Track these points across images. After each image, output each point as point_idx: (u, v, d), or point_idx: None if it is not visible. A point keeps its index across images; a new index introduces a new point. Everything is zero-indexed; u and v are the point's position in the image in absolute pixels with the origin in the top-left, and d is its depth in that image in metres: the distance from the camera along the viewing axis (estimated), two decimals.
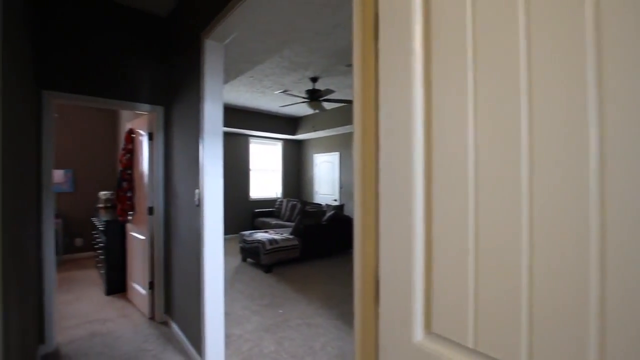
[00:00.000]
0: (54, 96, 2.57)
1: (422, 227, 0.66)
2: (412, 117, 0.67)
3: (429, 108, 0.65)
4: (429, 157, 0.65)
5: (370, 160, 0.83)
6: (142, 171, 3.26)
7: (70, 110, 5.50)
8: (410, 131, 0.67)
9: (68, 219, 5.47)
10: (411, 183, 0.67)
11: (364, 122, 0.86)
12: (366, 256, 0.85)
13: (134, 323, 2.99)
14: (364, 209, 0.85)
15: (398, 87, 0.70)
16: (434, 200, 0.64)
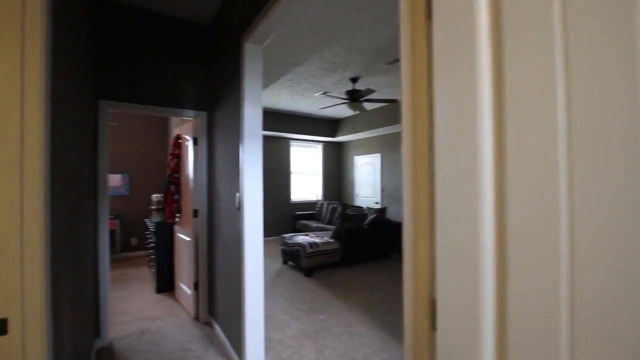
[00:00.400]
0: (108, 105, 2.74)
1: (492, 240, 0.53)
2: (478, 111, 0.55)
3: (500, 99, 0.53)
4: (501, 158, 0.53)
5: (422, 160, 0.72)
6: (187, 175, 3.37)
7: (128, 119, 5.93)
8: (476, 127, 0.55)
9: (125, 219, 5.88)
10: (477, 186, 0.54)
11: (414, 118, 0.75)
12: (418, 269, 0.73)
13: (180, 322, 3.09)
14: (415, 214, 0.74)
15: (459, 74, 0.58)
16: (509, 208, 0.51)
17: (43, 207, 1.05)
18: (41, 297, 1.05)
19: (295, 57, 3.03)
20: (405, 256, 0.78)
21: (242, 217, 2.19)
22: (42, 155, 1.03)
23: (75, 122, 1.74)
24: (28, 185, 1.02)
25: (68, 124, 1.52)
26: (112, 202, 5.81)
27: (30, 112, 1.01)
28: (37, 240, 1.04)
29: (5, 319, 1.01)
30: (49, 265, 1.09)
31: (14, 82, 0.98)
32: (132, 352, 2.53)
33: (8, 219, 1.00)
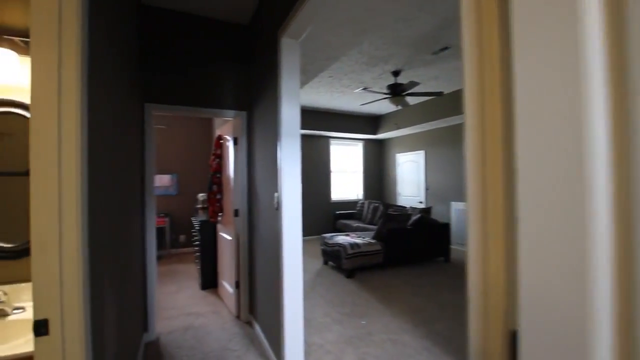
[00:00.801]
0: (153, 108, 2.83)
1: (610, 258, 0.38)
2: (587, 90, 0.39)
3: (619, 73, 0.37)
4: (621, 148, 0.37)
5: (494, 154, 0.57)
6: (228, 175, 3.41)
7: (176, 121, 6.22)
8: (584, 112, 0.39)
9: (173, 217, 6.18)
10: (586, 186, 0.39)
11: (481, 108, 0.61)
12: (489, 288, 0.58)
13: (222, 320, 3.13)
14: (484, 216, 0.59)
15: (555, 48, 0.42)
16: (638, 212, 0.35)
17: (81, 208, 1.04)
18: (79, 297, 1.04)
19: (334, 50, 2.92)
20: (470, 268, 0.63)
21: (281, 217, 2.12)
22: (79, 158, 1.02)
23: (120, 125, 1.78)
24: (66, 187, 1.02)
25: (112, 127, 1.55)
26: (162, 201, 6.13)
27: (67, 117, 1.00)
28: (75, 241, 1.04)
29: (47, 319, 1.02)
30: (87, 266, 1.09)
31: (52, 88, 0.98)
32: (177, 349, 2.58)
33: (48, 220, 1.01)
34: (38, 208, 1.00)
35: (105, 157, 1.38)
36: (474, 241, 0.62)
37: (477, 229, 0.61)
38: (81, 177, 1.04)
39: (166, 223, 5.84)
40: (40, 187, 1.00)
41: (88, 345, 1.08)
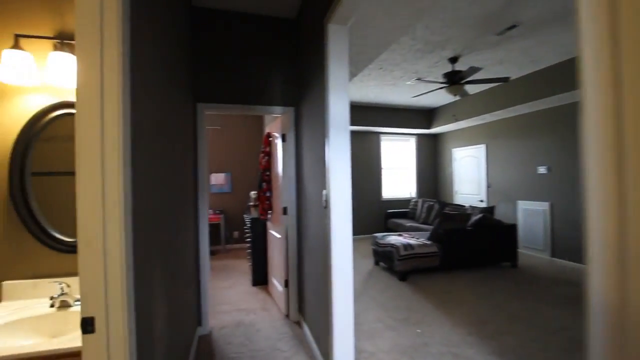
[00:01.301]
0: (205, 107, 2.89)
1: None
2: None
3: None
4: None
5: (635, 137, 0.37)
6: (277, 173, 3.38)
7: (230, 122, 6.45)
8: None
9: (228, 214, 6.42)
10: None
11: (614, 75, 0.41)
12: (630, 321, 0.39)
13: (271, 318, 3.11)
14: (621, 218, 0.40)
15: None
16: None
17: (123, 206, 1.01)
18: (123, 295, 1.02)
19: (385, 35, 2.71)
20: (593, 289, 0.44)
21: (330, 216, 2.00)
22: (120, 157, 1.01)
23: (171, 124, 1.79)
24: (109, 185, 1.00)
25: (160, 126, 1.55)
26: (217, 198, 6.41)
27: (109, 117, 0.99)
28: (118, 237, 1.01)
29: (93, 317, 1.01)
30: (131, 263, 1.06)
31: (94, 89, 0.97)
32: (227, 344, 2.60)
33: (92, 217, 0.99)
34: (83, 205, 0.99)
35: (152, 156, 1.37)
36: (601, 251, 0.43)
37: (608, 235, 0.41)
38: (123, 176, 1.01)
39: (221, 220, 6.07)
40: (85, 185, 0.99)
41: (132, 344, 1.05)
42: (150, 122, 1.35)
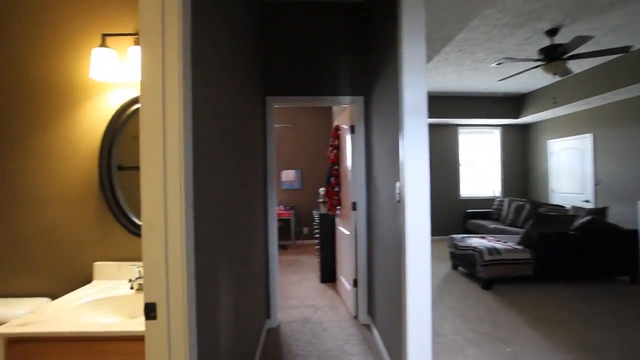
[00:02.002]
0: (274, 100, 2.88)
1: None
2: None
3: None
4: None
5: None
6: (346, 166, 3.25)
7: (300, 119, 6.54)
8: None
9: (298, 210, 6.52)
10: None
11: None
12: None
13: (339, 318, 2.99)
14: None
15: None
16: None
17: (184, 194, 0.98)
18: (184, 283, 0.98)
19: (467, 6, 2.36)
20: None
21: (404, 211, 1.78)
22: (182, 148, 0.98)
23: (238, 118, 1.78)
24: (170, 173, 0.97)
25: (225, 119, 1.52)
26: (287, 194, 6.55)
27: (170, 111, 0.97)
28: (178, 225, 0.98)
29: (155, 303, 0.99)
30: (191, 252, 1.02)
31: (157, 84, 0.96)
32: (295, 341, 2.55)
33: (155, 203, 0.97)
34: (146, 191, 0.97)
35: (216, 147, 1.34)
36: None
37: None
38: (184, 166, 0.98)
39: (291, 215, 6.19)
40: (148, 173, 0.98)
41: (192, 332, 1.01)
42: (214, 115, 1.31)
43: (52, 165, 1.69)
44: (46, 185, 1.69)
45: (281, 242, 6.39)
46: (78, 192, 1.69)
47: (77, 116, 1.69)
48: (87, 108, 1.69)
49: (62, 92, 1.69)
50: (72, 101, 1.69)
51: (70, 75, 1.69)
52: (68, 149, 1.69)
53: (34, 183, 1.70)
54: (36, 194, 1.69)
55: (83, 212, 1.69)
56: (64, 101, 1.69)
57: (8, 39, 1.71)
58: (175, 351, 0.97)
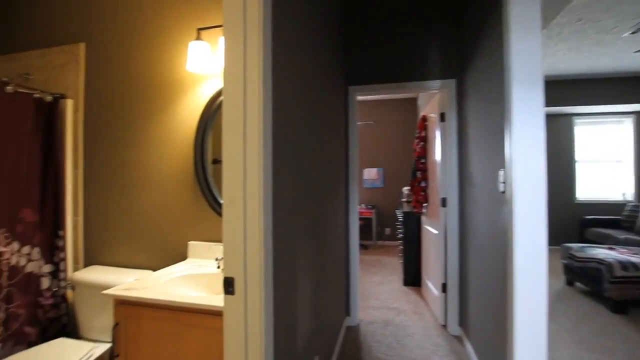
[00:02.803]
0: (356, 90, 2.78)
1: None
2: None
3: None
4: None
5: None
6: (434, 159, 2.96)
7: (383, 116, 6.34)
8: None
9: (379, 210, 6.30)
10: None
11: None
12: None
13: (424, 325, 2.72)
14: None
15: None
16: None
17: (262, 172, 0.95)
18: (260, 260, 0.94)
19: None
20: None
21: (511, 205, 1.49)
22: (261, 137, 0.97)
23: (319, 108, 1.73)
24: (249, 148, 0.96)
25: (307, 110, 1.48)
26: (369, 193, 6.39)
27: (251, 102, 0.96)
28: (257, 200, 0.94)
29: (233, 278, 0.97)
30: (269, 228, 0.98)
31: (238, 77, 0.97)
32: (375, 343, 2.40)
33: (235, 179, 0.96)
34: (228, 167, 0.96)
35: (296, 136, 1.29)
36: None
37: None
38: (263, 154, 0.97)
39: (373, 214, 6.00)
40: (230, 156, 0.97)
41: (269, 311, 0.96)
42: (293, 105, 1.26)
43: (157, 153, 1.89)
44: (152, 170, 1.89)
45: (362, 241, 6.26)
46: (177, 176, 1.85)
47: (178, 107, 1.85)
48: (185, 99, 1.84)
49: (166, 86, 1.87)
50: (173, 94, 1.86)
51: (171, 69, 1.86)
52: (169, 138, 1.87)
53: (142, 169, 1.91)
54: (144, 179, 1.91)
55: (180, 195, 1.84)
56: (168, 94, 1.87)
57: (121, 40, 1.97)
58: (252, 327, 0.93)
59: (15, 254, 1.79)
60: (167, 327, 1.20)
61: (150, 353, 1.23)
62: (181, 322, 1.17)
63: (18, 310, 1.77)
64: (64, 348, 1.59)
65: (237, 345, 0.94)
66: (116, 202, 1.96)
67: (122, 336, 1.26)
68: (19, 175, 1.83)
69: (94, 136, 2.04)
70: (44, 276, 1.91)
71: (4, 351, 1.68)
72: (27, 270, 1.84)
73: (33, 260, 1.87)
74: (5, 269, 1.73)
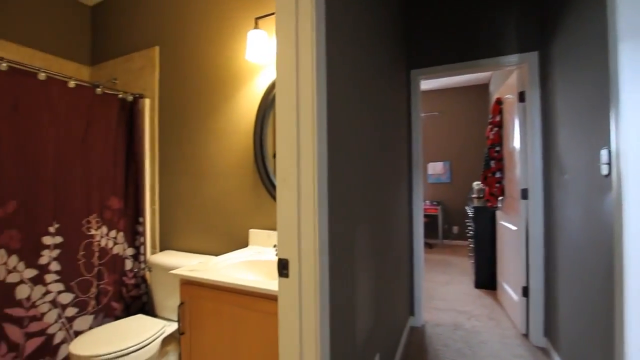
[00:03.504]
0: (419, 74, 2.58)
1: None
2: None
3: None
4: None
5: None
6: (512, 146, 2.62)
7: (449, 105, 5.90)
8: None
9: (446, 207, 5.88)
10: None
11: None
12: None
13: (502, 332, 2.42)
14: None
15: None
16: None
17: (316, 150, 0.89)
18: (315, 241, 0.88)
19: None
20: None
21: (619, 190, 1.21)
22: (315, 124, 0.91)
23: (377, 95, 1.62)
24: (303, 124, 0.90)
25: (364, 97, 1.38)
26: (434, 189, 6.00)
27: (304, 89, 0.91)
28: (311, 178, 0.88)
29: (287, 260, 0.92)
30: (324, 209, 0.91)
31: (290, 63, 0.92)
32: (443, 347, 2.19)
33: (288, 157, 0.91)
34: (281, 145, 0.92)
35: (351, 123, 1.20)
36: None
37: None
38: (317, 138, 0.91)
39: (438, 211, 5.62)
40: (284, 128, 0.92)
41: (324, 293, 0.90)
42: (349, 90, 1.18)
43: (220, 144, 1.96)
44: (216, 161, 1.97)
45: (426, 240, 5.91)
46: (238, 165, 1.90)
47: (238, 99, 1.90)
48: (244, 91, 1.88)
49: (227, 79, 1.93)
50: (234, 86, 1.91)
51: (232, 60, 1.91)
52: (231, 128, 1.92)
53: (208, 160, 2.00)
54: (210, 169, 2.00)
55: (242, 184, 1.88)
56: (229, 87, 1.93)
57: (187, 39, 2.09)
58: (306, 311, 0.88)
59: (104, 237, 2.01)
60: (225, 309, 1.21)
61: (210, 333, 1.25)
62: (239, 304, 1.17)
63: (107, 287, 1.98)
64: (141, 323, 1.74)
65: (291, 329, 0.90)
66: (186, 192, 2.09)
67: (187, 315, 1.31)
68: (107, 166, 2.05)
69: (167, 131, 2.20)
70: (127, 258, 2.12)
71: (96, 322, 1.90)
72: (114, 252, 2.05)
73: (118, 243, 2.08)
74: (96, 249, 1.95)
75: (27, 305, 1.61)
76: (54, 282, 1.73)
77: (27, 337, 1.60)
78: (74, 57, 2.58)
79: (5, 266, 1.55)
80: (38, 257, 1.68)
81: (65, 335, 1.75)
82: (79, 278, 1.85)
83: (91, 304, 1.89)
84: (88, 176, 1.94)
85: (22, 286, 1.60)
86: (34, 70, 1.72)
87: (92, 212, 1.95)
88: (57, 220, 1.77)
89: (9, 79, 1.61)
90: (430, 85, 5.74)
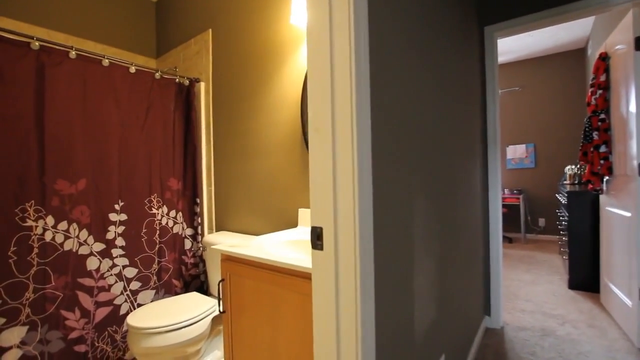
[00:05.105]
0: (496, 30, 2.18)
1: None
2: None
3: None
4: None
5: None
6: (624, 112, 2.07)
7: (532, 79, 5.11)
8: None
9: (530, 196, 5.13)
10: None
11: None
12: None
13: (608, 344, 1.94)
14: None
15: None
16: None
17: (354, 89, 0.69)
18: (354, 200, 0.70)
19: None
20: None
21: None
22: (351, 60, 0.69)
23: (437, 61, 1.35)
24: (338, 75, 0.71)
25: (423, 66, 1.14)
26: (515, 175, 5.27)
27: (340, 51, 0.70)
28: (348, 125, 0.70)
29: (321, 228, 0.76)
30: (365, 164, 0.73)
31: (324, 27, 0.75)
32: (529, 355, 1.82)
33: (323, 108, 0.74)
34: (314, 92, 0.76)
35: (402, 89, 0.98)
36: None
37: None
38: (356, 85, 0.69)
39: (520, 201, 4.90)
40: (316, 78, 0.75)
41: (366, 269, 0.72)
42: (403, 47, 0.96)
43: (269, 119, 1.87)
44: (265, 139, 1.89)
45: (506, 233, 5.23)
46: (287, 142, 1.79)
47: (284, 72, 1.79)
48: (290, 60, 1.75)
49: (272, 51, 1.83)
50: (279, 59, 1.80)
51: (278, 27, 1.80)
52: (279, 103, 1.82)
53: (257, 138, 1.93)
54: (258, 148, 1.93)
55: (290, 161, 1.77)
56: (274, 60, 1.83)
57: (236, 16, 2.03)
58: (345, 291, 0.71)
59: (164, 216, 2.08)
60: (264, 287, 1.10)
61: (249, 312, 1.16)
62: (278, 284, 1.05)
63: (167, 264, 2.06)
64: (194, 300, 1.75)
65: (327, 312, 0.73)
66: (238, 173, 2.06)
67: (227, 292, 1.23)
68: (167, 148, 2.12)
69: (220, 113, 2.19)
70: (186, 238, 2.18)
71: (157, 297, 1.98)
72: (174, 231, 2.12)
73: (177, 223, 2.14)
74: (157, 228, 2.03)
75: (96, 276, 1.73)
76: (119, 256, 1.83)
77: (96, 305, 1.72)
78: (143, 50, 2.76)
79: (77, 239, 1.67)
80: (105, 232, 1.79)
81: (129, 307, 1.85)
82: (142, 254, 1.94)
83: (153, 279, 1.97)
84: (149, 157, 2.02)
85: (91, 258, 1.72)
86: (98, 57, 1.82)
87: (153, 192, 2.03)
88: (122, 198, 1.87)
89: (77, 67, 1.72)
90: (508, 56, 5.02)
